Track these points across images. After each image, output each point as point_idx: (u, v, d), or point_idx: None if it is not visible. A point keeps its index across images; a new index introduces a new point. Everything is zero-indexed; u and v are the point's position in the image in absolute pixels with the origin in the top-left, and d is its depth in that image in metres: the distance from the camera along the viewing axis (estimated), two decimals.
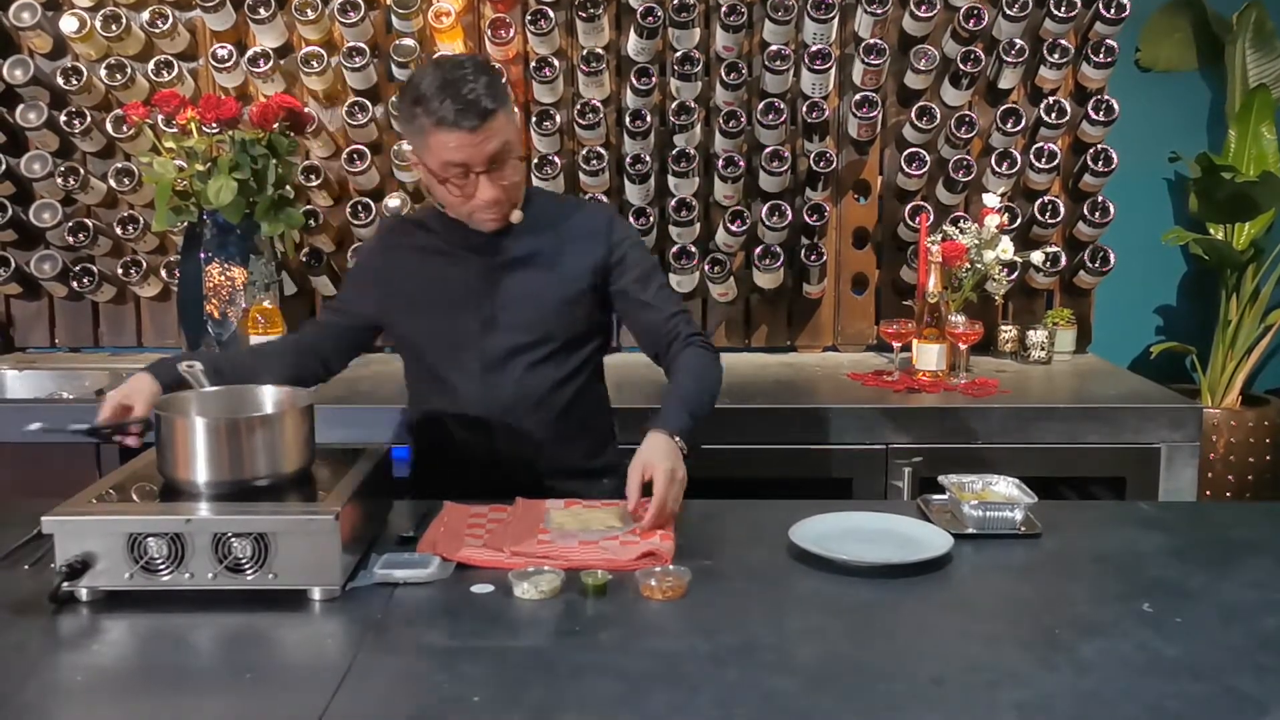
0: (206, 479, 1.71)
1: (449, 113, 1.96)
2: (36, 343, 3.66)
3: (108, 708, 1.41)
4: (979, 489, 2.01)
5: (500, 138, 2.01)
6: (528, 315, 2.18)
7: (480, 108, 1.97)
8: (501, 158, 2.03)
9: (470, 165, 2.01)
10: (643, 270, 2.23)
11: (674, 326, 2.21)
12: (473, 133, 1.97)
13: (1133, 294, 3.88)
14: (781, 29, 3.30)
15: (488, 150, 2.00)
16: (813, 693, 1.39)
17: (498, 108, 1.99)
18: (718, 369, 2.21)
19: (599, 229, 2.23)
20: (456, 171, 2.03)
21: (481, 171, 2.02)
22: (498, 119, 2.00)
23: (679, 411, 2.05)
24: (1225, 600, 1.67)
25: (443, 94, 1.97)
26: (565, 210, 2.27)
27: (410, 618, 1.62)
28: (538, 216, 2.19)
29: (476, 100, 1.96)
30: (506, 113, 2.03)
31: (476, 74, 1.99)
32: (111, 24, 3.32)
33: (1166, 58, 3.90)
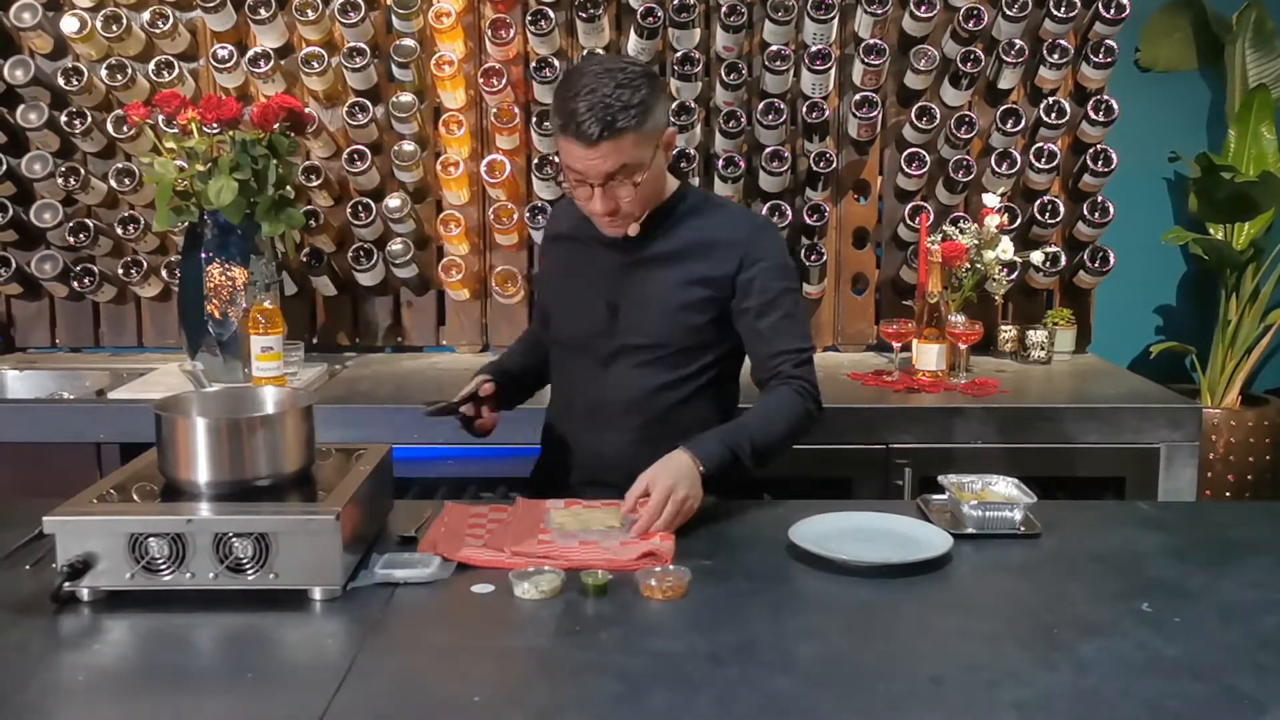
0: (207, 479, 1.71)
1: (573, 121, 1.92)
2: (37, 343, 3.66)
3: (109, 708, 1.41)
4: (978, 489, 2.01)
5: (621, 158, 1.94)
6: (644, 316, 2.15)
7: (605, 124, 1.90)
8: (620, 176, 1.97)
9: (585, 176, 1.98)
10: (768, 296, 2.12)
11: (778, 364, 2.13)
12: (591, 147, 1.92)
13: (1132, 294, 3.89)
14: (781, 29, 3.31)
15: (604, 168, 1.95)
16: (813, 692, 1.39)
17: (628, 128, 1.92)
18: (799, 414, 2.11)
19: (738, 240, 2.14)
20: (575, 176, 2.00)
21: (597, 185, 1.98)
22: (624, 139, 1.92)
23: (715, 441, 2.00)
24: (1225, 600, 1.67)
25: (580, 98, 1.91)
26: (710, 214, 2.18)
27: (411, 618, 1.63)
28: (681, 217, 2.14)
29: (605, 117, 1.90)
30: (640, 133, 1.94)
31: (625, 87, 1.91)
32: (112, 24, 3.32)
33: (1166, 58, 3.90)
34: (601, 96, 1.90)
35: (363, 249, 3.45)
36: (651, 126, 1.97)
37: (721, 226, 2.16)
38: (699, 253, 2.14)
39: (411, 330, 3.64)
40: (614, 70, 1.94)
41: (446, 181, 3.41)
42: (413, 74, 3.38)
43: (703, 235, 2.15)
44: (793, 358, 2.14)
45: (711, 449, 1.98)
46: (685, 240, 2.14)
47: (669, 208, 2.15)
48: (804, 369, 2.15)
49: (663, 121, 2.03)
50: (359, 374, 3.31)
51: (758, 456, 2.04)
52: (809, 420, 2.14)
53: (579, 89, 1.92)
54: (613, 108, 1.91)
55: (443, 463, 2.82)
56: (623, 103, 1.91)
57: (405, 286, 3.58)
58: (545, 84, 3.33)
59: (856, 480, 2.85)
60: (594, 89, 1.91)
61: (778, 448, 2.09)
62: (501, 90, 3.33)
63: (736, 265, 2.13)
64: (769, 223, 2.24)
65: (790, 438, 2.12)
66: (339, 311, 3.62)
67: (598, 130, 1.91)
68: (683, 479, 1.91)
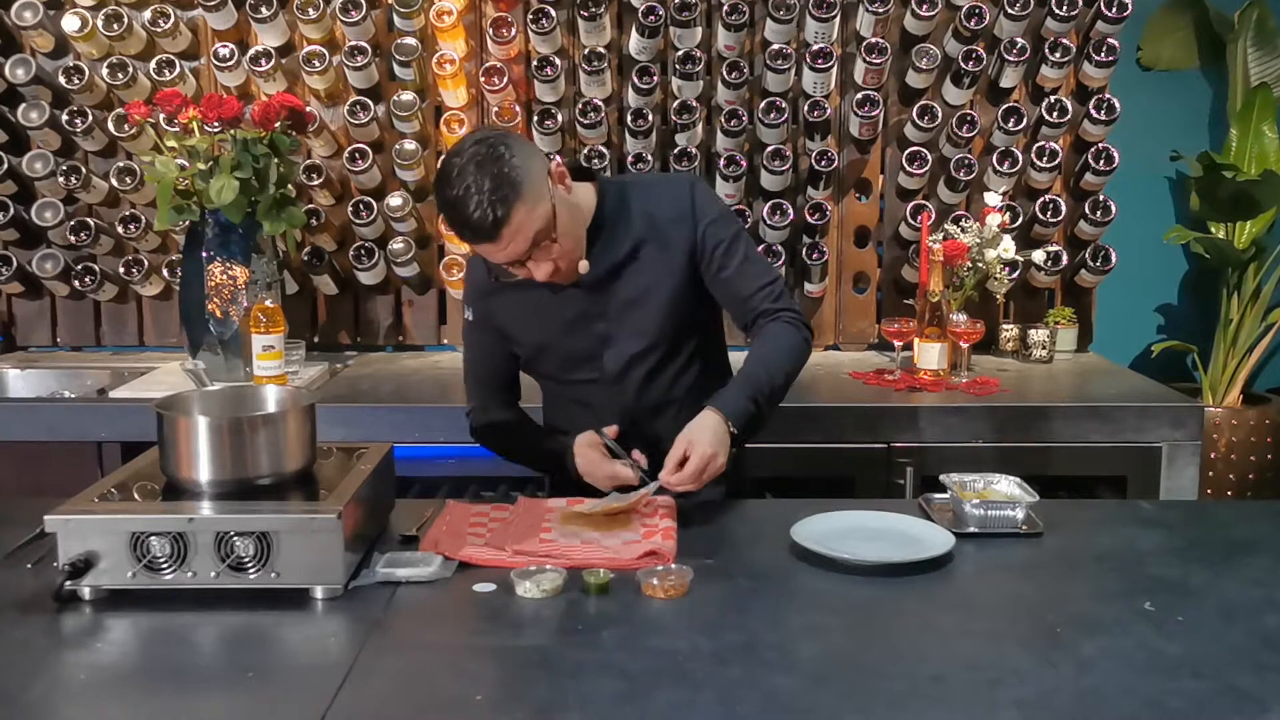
0: (209, 478, 1.71)
1: (462, 234, 1.92)
2: (38, 342, 3.66)
3: (111, 706, 1.41)
4: (980, 488, 2.01)
5: (527, 232, 1.91)
6: (638, 324, 2.14)
7: (489, 224, 1.87)
8: (537, 243, 1.94)
9: (511, 260, 1.96)
10: (722, 248, 2.13)
11: (757, 303, 2.14)
12: (495, 242, 1.91)
13: (1134, 293, 3.89)
14: (783, 28, 3.30)
15: (518, 249, 1.93)
16: (814, 691, 1.39)
17: (509, 211, 1.87)
18: (796, 346, 2.13)
19: (684, 211, 2.13)
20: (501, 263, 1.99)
21: (526, 260, 1.97)
22: (516, 216, 1.88)
23: (740, 396, 2.02)
24: (1226, 599, 1.67)
25: (451, 216, 1.91)
26: (639, 199, 2.15)
27: (412, 617, 1.62)
28: (616, 218, 2.12)
29: (483, 219, 1.86)
30: (526, 202, 1.89)
31: (479, 181, 1.86)
32: (113, 23, 3.32)
33: (1168, 56, 3.90)
34: (475, 193, 1.86)
35: (364, 248, 3.45)
36: (532, 185, 1.91)
37: (656, 204, 2.14)
38: (651, 241, 2.13)
39: (413, 329, 3.64)
40: (473, 159, 1.88)
41: None
42: (414, 73, 3.38)
43: (646, 224, 2.13)
44: (767, 292, 2.15)
45: (736, 405, 2.00)
46: (633, 238, 2.12)
47: (600, 219, 2.12)
48: (782, 299, 2.17)
49: (540, 169, 1.95)
50: (360, 373, 3.31)
51: (775, 397, 2.07)
52: (806, 347, 2.16)
53: (454, 197, 1.88)
54: (491, 198, 1.86)
55: (444, 462, 2.82)
56: (494, 183, 1.86)
57: (406, 285, 3.58)
58: (547, 83, 3.33)
59: (858, 479, 2.85)
60: (466, 188, 1.86)
61: (786, 385, 2.12)
62: (503, 89, 3.33)
63: (690, 236, 2.13)
64: (691, 179, 2.23)
65: (795, 372, 2.14)
66: (340, 310, 3.62)
67: (490, 225, 1.87)
68: (720, 445, 1.94)
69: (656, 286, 2.13)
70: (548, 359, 2.22)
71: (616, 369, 2.16)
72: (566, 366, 2.20)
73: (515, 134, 2.03)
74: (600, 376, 2.18)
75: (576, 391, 2.22)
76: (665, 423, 2.14)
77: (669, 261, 2.13)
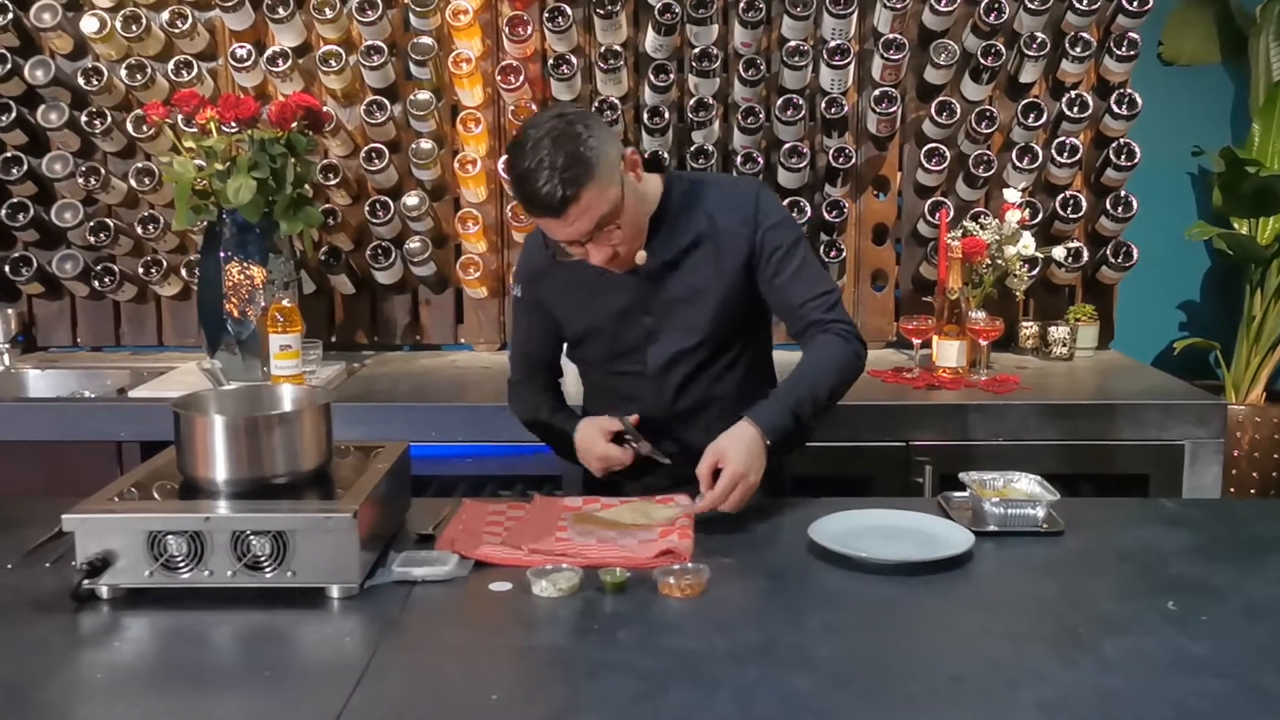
0: (225, 477, 1.71)
1: (529, 206, 1.92)
2: (59, 342, 3.68)
3: (128, 705, 1.41)
4: (1000, 486, 2.00)
5: (594, 214, 1.92)
6: (687, 321, 2.13)
7: (557, 200, 1.88)
8: (601, 227, 1.94)
9: (572, 240, 1.97)
10: (780, 254, 2.11)
11: (808, 312, 2.11)
12: (560, 218, 1.91)
13: (1156, 289, 3.85)
14: (800, 24, 3.29)
15: (582, 229, 1.93)
16: (832, 691, 1.38)
17: (582, 188, 1.88)
18: (846, 360, 2.09)
19: (746, 215, 2.12)
20: (564, 241, 1.99)
21: (586, 242, 1.97)
22: (587, 195, 1.89)
23: (777, 409, 1.98)
24: (1250, 598, 1.65)
25: (520, 188, 1.91)
26: (704, 196, 2.15)
27: (428, 616, 1.62)
28: (679, 213, 2.12)
29: (551, 194, 1.87)
30: (598, 182, 1.90)
31: (553, 156, 1.86)
32: (131, 24, 3.33)
33: (1190, 51, 3.87)
34: (549, 165, 1.87)
35: (381, 247, 3.45)
36: (606, 167, 1.92)
37: (720, 205, 2.14)
38: (710, 239, 2.13)
39: (430, 328, 3.64)
40: (550, 131, 1.89)
41: (464, 179, 3.41)
42: (430, 72, 3.38)
43: (707, 223, 2.13)
44: (820, 302, 2.12)
45: (775, 419, 1.97)
46: (691, 234, 2.13)
47: (662, 211, 2.12)
48: (835, 310, 2.13)
49: (615, 154, 1.97)
50: (377, 372, 3.32)
51: (818, 410, 2.04)
52: (858, 362, 2.12)
53: (527, 167, 1.88)
54: (563, 175, 1.87)
55: (461, 461, 2.82)
56: (569, 161, 1.87)
57: (423, 284, 3.58)
58: (563, 81, 3.32)
59: (877, 478, 2.83)
60: (539, 160, 1.87)
61: (832, 399, 2.08)
62: (519, 88, 3.33)
63: (749, 238, 2.12)
64: (758, 183, 2.24)
65: (844, 386, 2.10)
66: (357, 310, 3.63)
67: (559, 201, 1.88)
68: (753, 463, 1.91)
69: (709, 286, 2.13)
70: (594, 346, 2.22)
71: (660, 364, 2.16)
72: (611, 356, 2.20)
73: (595, 115, 2.05)
74: (643, 370, 2.17)
75: (619, 383, 2.21)
76: (705, 423, 2.12)
77: (725, 262, 2.12)
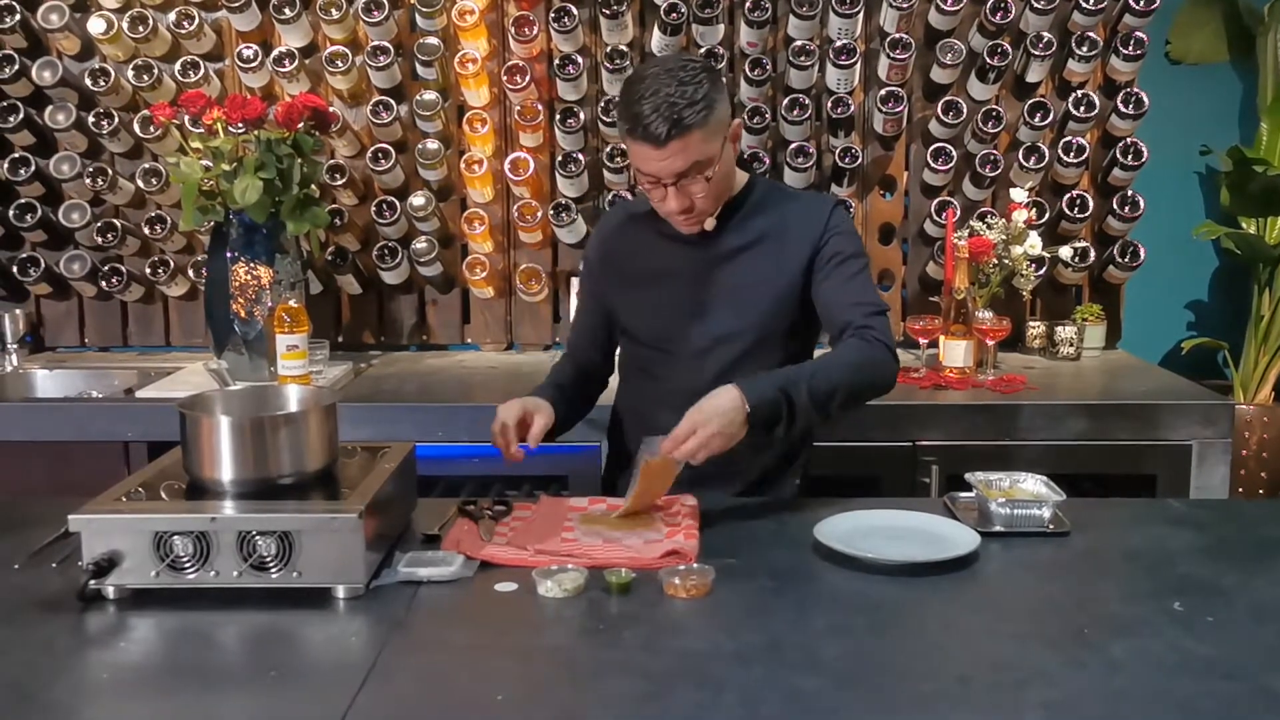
0: (231, 477, 1.71)
1: (640, 123, 1.92)
2: (66, 342, 3.69)
3: (134, 705, 1.41)
4: (1006, 486, 1.99)
5: (691, 155, 1.94)
6: (739, 307, 2.13)
7: (665, 130, 1.90)
8: (692, 173, 1.97)
9: (658, 177, 1.98)
10: (838, 260, 2.12)
11: (849, 316, 2.07)
12: (661, 148, 1.92)
13: (1163, 289, 3.84)
14: (806, 24, 3.29)
15: (675, 167, 1.95)
16: (838, 691, 1.38)
17: (695, 124, 1.91)
18: (868, 362, 2.02)
19: (814, 220, 2.14)
20: (648, 180, 2.00)
21: (670, 184, 1.98)
22: (692, 136, 1.92)
23: (770, 384, 1.93)
24: (1258, 599, 1.65)
25: (633, 108, 1.92)
26: (783, 203, 2.19)
27: (434, 616, 1.62)
28: (754, 207, 2.15)
29: (672, 116, 1.90)
30: (706, 128, 1.94)
31: (687, 84, 1.91)
32: (138, 25, 3.34)
33: (1198, 50, 3.85)
34: (665, 96, 1.91)
35: (387, 247, 3.45)
36: (717, 121, 1.97)
37: (796, 212, 2.17)
38: (777, 238, 2.14)
39: (436, 328, 3.64)
40: (675, 69, 1.94)
41: (470, 179, 3.41)
42: (436, 72, 3.38)
43: (779, 223, 2.15)
44: (863, 308, 2.07)
45: (762, 389, 1.91)
46: (761, 229, 2.15)
47: (741, 200, 2.16)
48: (875, 319, 2.06)
49: (727, 115, 2.02)
50: (384, 372, 3.32)
51: (817, 400, 1.94)
52: (883, 369, 2.04)
53: (642, 92, 1.92)
54: (677, 105, 1.91)
55: (467, 461, 2.82)
56: (687, 99, 1.91)
57: (430, 285, 3.58)
58: (568, 81, 3.32)
59: (883, 478, 2.83)
60: (656, 90, 1.91)
61: (839, 391, 1.97)
62: (525, 88, 3.33)
63: (815, 241, 2.13)
64: (840, 200, 2.27)
65: (860, 388, 2.02)
66: (364, 310, 3.63)
67: (665, 130, 1.91)
68: (723, 420, 1.86)
69: (768, 279, 2.14)
70: (640, 319, 2.22)
71: (702, 344, 2.16)
72: (654, 333, 2.21)
73: (719, 74, 2.07)
74: (684, 349, 2.17)
75: (654, 362, 2.21)
76: None
77: (788, 261, 2.13)
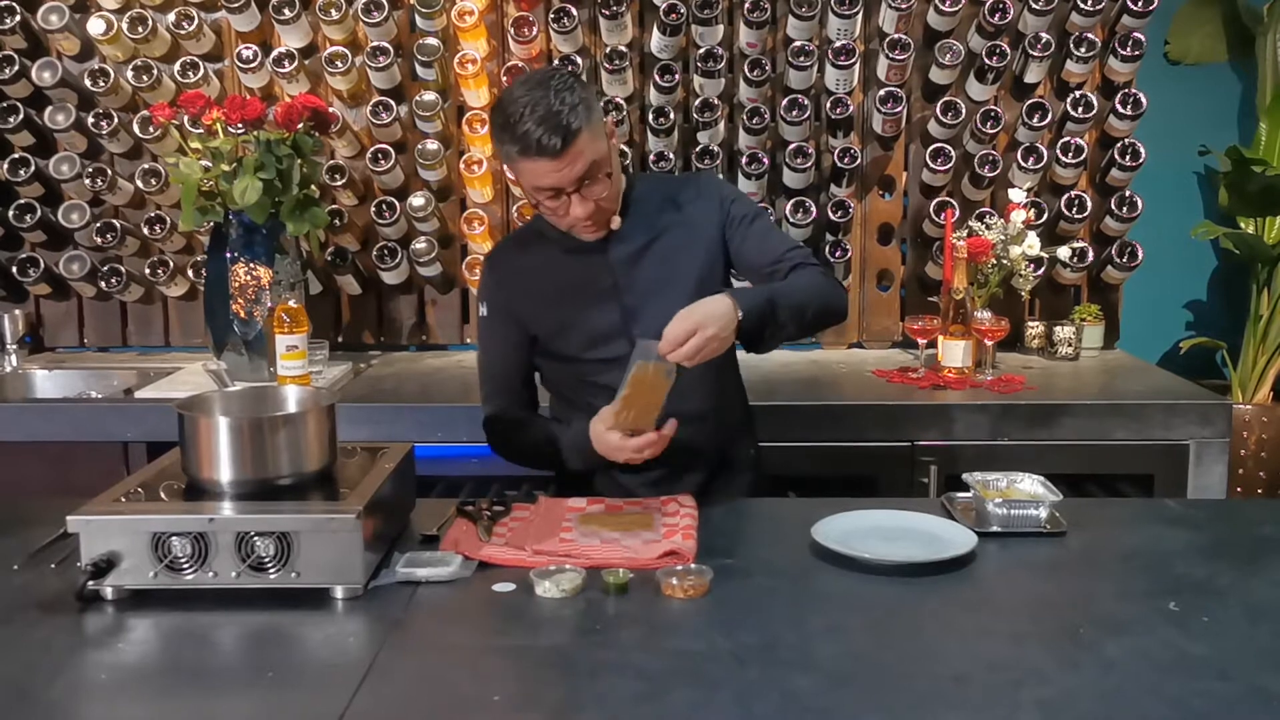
0: (230, 478, 1.71)
1: (531, 140, 1.92)
2: (66, 342, 3.69)
3: (132, 705, 1.42)
4: (1004, 487, 2.00)
5: (587, 157, 1.95)
6: (668, 297, 2.10)
7: (560, 137, 1.91)
8: (591, 175, 1.98)
9: (560, 188, 1.98)
10: (751, 216, 2.18)
11: (791, 256, 2.13)
12: (557, 158, 1.93)
13: (1162, 289, 3.84)
14: (805, 24, 3.29)
15: (575, 173, 1.96)
16: (834, 691, 1.38)
17: (581, 127, 1.93)
18: (821, 281, 2.10)
19: (709, 195, 2.19)
20: (548, 195, 2.00)
21: (573, 191, 1.99)
22: (582, 138, 1.93)
23: (757, 294, 1.97)
24: (1253, 599, 1.65)
25: (518, 127, 1.92)
26: (666, 186, 2.24)
27: (432, 616, 1.63)
28: (644, 200, 2.17)
29: (559, 125, 1.91)
30: (592, 130, 1.96)
31: (561, 92, 1.92)
32: (138, 26, 3.34)
33: (1196, 50, 3.85)
34: (546, 108, 1.91)
35: (387, 247, 3.46)
36: (597, 119, 1.98)
37: (687, 194, 2.20)
38: (681, 223, 2.16)
39: (436, 328, 3.65)
40: (543, 81, 1.95)
41: (470, 180, 3.41)
42: (436, 73, 3.39)
43: (674, 208, 2.17)
44: (798, 252, 2.15)
45: (753, 299, 1.96)
46: (661, 219, 2.16)
47: (628, 202, 2.16)
48: (809, 258, 2.15)
49: (599, 110, 2.03)
50: (383, 372, 3.32)
51: (794, 312, 2.01)
52: (836, 288, 2.13)
53: (519, 112, 1.92)
54: (561, 113, 1.91)
55: (467, 461, 2.82)
56: (567, 105, 1.92)
57: (429, 285, 3.58)
58: None
59: (881, 478, 2.83)
60: (533, 105, 1.91)
61: (809, 307, 2.06)
62: None
63: (718, 216, 2.17)
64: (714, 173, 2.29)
65: (822, 299, 2.09)
66: (363, 310, 3.64)
67: (560, 139, 1.91)
68: (719, 323, 1.89)
69: (685, 264, 2.15)
70: (570, 336, 2.19)
71: None
72: (589, 344, 2.18)
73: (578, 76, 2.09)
74: (627, 352, 2.10)
75: (597, 372, 2.18)
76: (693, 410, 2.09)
77: (698, 240, 2.16)
